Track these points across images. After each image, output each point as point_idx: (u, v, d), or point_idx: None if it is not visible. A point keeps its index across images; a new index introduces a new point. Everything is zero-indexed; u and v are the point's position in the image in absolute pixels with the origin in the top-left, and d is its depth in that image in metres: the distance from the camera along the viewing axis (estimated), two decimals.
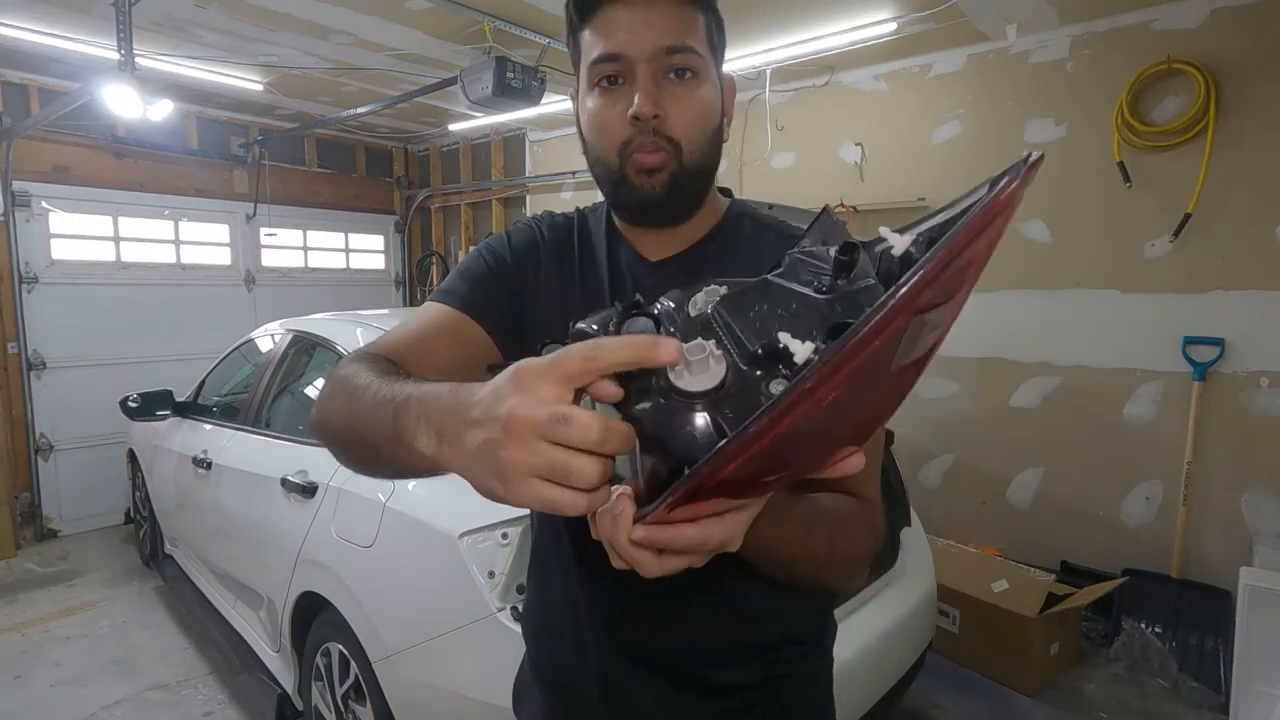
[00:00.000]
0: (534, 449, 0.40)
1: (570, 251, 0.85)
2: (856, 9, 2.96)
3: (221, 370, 3.27)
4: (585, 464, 0.40)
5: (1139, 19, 2.85)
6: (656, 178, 0.72)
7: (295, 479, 2.06)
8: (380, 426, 0.54)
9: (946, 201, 0.42)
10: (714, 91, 0.74)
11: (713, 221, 0.82)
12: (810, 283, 0.46)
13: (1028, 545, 3.21)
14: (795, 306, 0.44)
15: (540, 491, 0.41)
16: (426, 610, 1.60)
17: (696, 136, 0.73)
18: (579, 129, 0.78)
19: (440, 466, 0.49)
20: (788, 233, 0.81)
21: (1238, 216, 2.69)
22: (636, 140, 0.71)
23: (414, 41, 3.44)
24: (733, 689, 0.80)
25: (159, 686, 2.69)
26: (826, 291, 0.44)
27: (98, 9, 3.00)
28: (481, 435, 0.43)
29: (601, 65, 0.72)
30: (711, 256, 0.81)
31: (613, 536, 0.45)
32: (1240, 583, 2.24)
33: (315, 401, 0.69)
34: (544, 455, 0.40)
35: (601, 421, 0.40)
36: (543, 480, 0.41)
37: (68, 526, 4.38)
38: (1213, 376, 2.76)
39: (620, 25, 0.70)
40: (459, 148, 5.89)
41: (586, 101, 0.75)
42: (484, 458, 0.43)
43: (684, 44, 0.70)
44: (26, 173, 4.18)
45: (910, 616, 1.98)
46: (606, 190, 0.79)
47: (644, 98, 0.70)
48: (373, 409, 0.56)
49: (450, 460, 0.47)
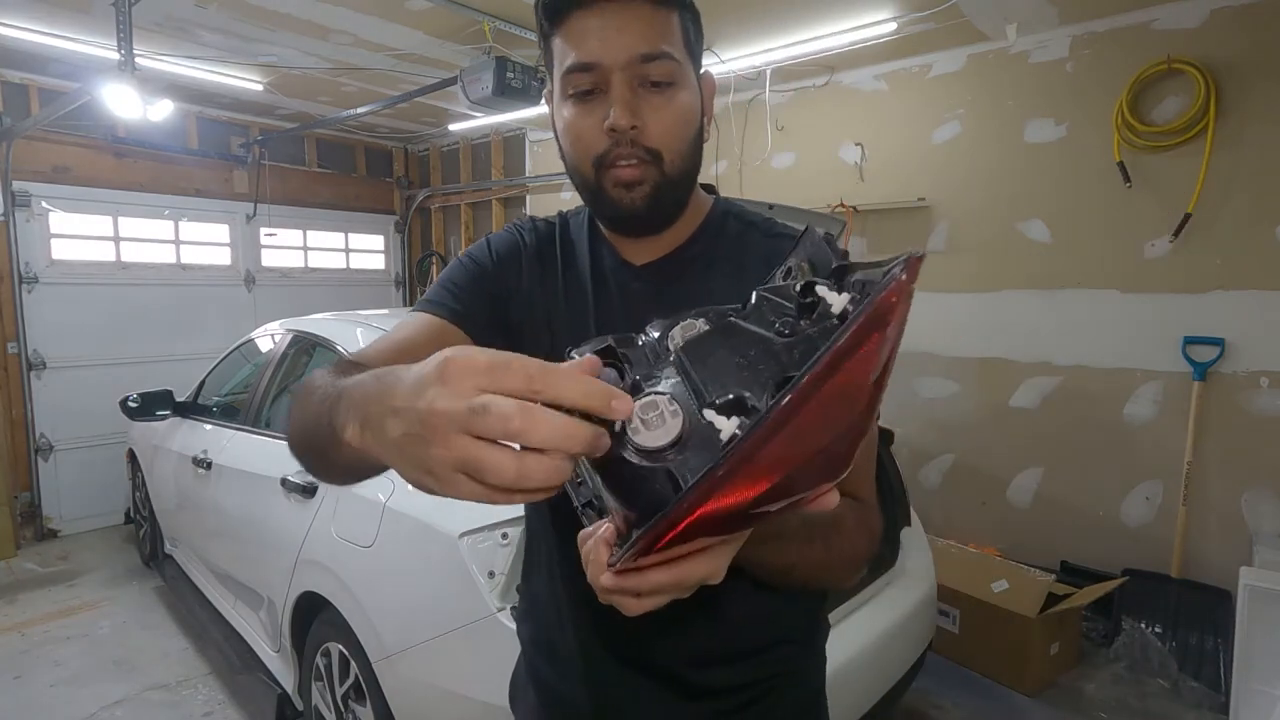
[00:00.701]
0: (451, 443, 0.38)
1: (553, 256, 0.83)
2: (856, 9, 2.96)
3: (221, 370, 3.27)
4: (499, 459, 0.37)
5: (1139, 19, 2.85)
6: (636, 191, 0.71)
7: (295, 479, 2.06)
8: (321, 424, 0.52)
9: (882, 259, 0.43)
10: (693, 96, 0.72)
11: (696, 222, 0.81)
12: (773, 323, 0.46)
13: (1028, 545, 3.21)
14: (754, 353, 0.45)
15: (464, 487, 0.39)
16: (426, 610, 1.60)
17: (677, 145, 0.71)
18: (555, 134, 0.76)
19: (369, 459, 0.47)
20: (773, 231, 0.81)
21: (1238, 216, 2.69)
22: (613, 153, 0.69)
23: (414, 41, 3.44)
24: (722, 690, 0.80)
25: (159, 686, 2.69)
26: (788, 334, 0.45)
27: (98, 9, 3.00)
28: (402, 426, 0.41)
29: (574, 76, 0.69)
30: (696, 258, 0.80)
31: (592, 580, 0.45)
32: (1240, 583, 2.24)
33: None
34: (459, 450, 0.37)
35: (523, 410, 0.37)
36: (465, 476, 0.38)
37: (68, 526, 4.38)
38: (1213, 376, 2.76)
39: (592, 33, 0.68)
40: (459, 148, 5.89)
41: (562, 110, 0.72)
42: (405, 450, 0.41)
43: (660, 50, 0.68)
44: (26, 173, 4.18)
45: (910, 616, 1.98)
46: (585, 199, 0.77)
47: (620, 109, 0.67)
48: (317, 407, 0.54)
49: (375, 451, 0.45)
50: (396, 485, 1.76)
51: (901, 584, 2.06)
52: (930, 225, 3.48)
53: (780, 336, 0.45)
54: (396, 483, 1.76)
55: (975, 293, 3.36)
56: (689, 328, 0.49)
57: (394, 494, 1.74)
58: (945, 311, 3.43)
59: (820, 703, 0.89)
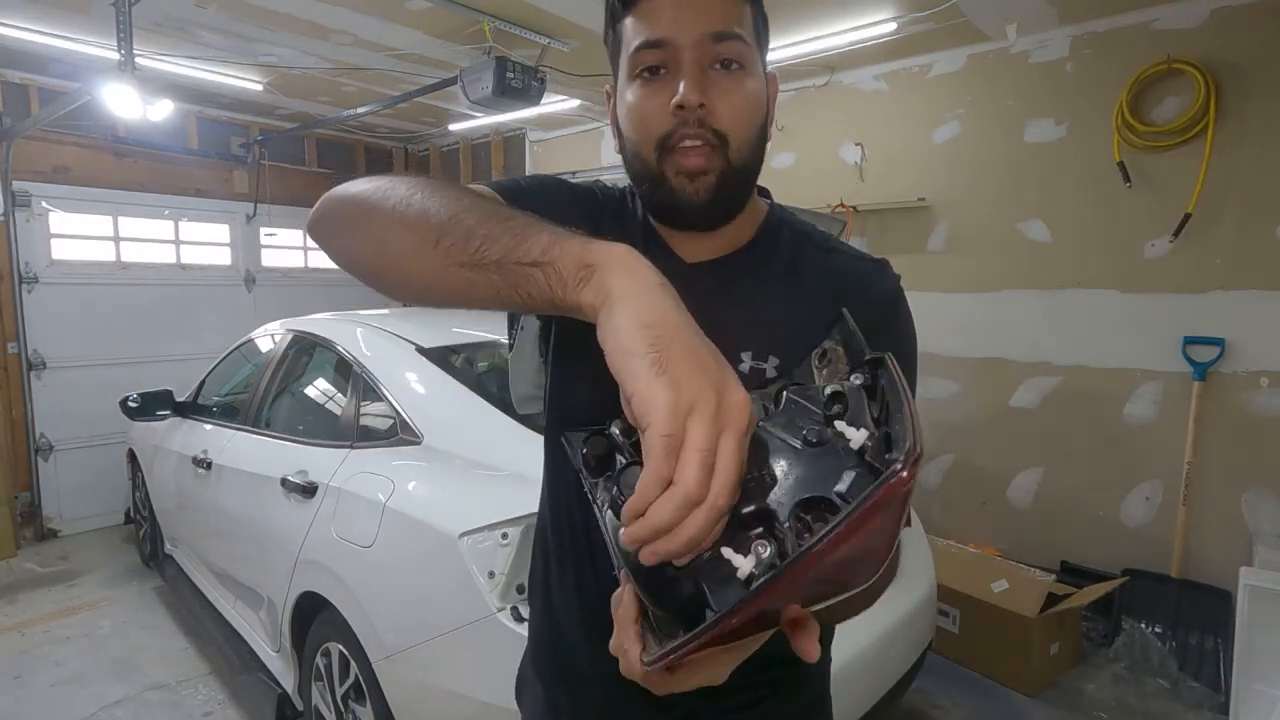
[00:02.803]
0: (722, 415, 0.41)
1: (618, 231, 0.79)
2: (856, 9, 2.96)
3: (221, 370, 3.27)
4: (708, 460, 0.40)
5: (1139, 19, 2.85)
6: (700, 181, 0.68)
7: (295, 479, 2.06)
8: (497, 241, 0.52)
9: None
10: (761, 86, 0.71)
11: (753, 226, 0.78)
12: (801, 430, 0.49)
13: (1028, 545, 3.21)
14: (782, 463, 0.48)
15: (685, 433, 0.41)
16: (426, 610, 1.60)
17: (744, 131, 0.69)
18: (615, 126, 0.75)
19: (578, 310, 0.49)
20: (828, 246, 0.79)
21: (1238, 216, 2.69)
22: (679, 132, 0.67)
23: (414, 41, 3.44)
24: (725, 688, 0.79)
25: (159, 686, 2.69)
26: (815, 443, 0.47)
27: (98, 9, 2.99)
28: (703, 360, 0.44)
29: (644, 53, 0.68)
30: (753, 265, 0.77)
31: (625, 671, 0.50)
32: (1240, 583, 2.24)
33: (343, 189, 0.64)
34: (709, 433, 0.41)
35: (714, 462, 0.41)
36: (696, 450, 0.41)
37: (68, 526, 4.38)
38: (1213, 376, 2.76)
39: (665, 11, 0.67)
40: (459, 148, 5.89)
41: (626, 94, 0.70)
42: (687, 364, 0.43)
43: (732, 31, 0.67)
44: (26, 173, 4.18)
45: (910, 616, 1.98)
46: (643, 190, 0.74)
47: (689, 85, 0.65)
48: (494, 221, 0.53)
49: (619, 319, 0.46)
50: (397, 485, 1.76)
51: (901, 584, 2.06)
52: (930, 225, 3.48)
53: (808, 445, 0.47)
54: (396, 483, 1.76)
55: (975, 293, 3.36)
56: None
57: (394, 494, 1.74)
58: (945, 311, 3.43)
59: (824, 704, 0.89)
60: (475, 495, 1.67)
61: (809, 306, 0.73)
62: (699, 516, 0.40)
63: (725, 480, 0.40)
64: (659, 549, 0.41)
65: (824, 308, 0.72)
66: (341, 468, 1.96)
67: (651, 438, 0.41)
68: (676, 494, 0.40)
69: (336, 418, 2.27)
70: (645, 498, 0.41)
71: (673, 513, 0.40)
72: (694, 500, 0.40)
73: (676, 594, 0.45)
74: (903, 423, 0.41)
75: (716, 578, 0.43)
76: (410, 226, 0.56)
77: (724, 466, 0.40)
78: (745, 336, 0.73)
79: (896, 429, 0.42)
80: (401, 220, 0.57)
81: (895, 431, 0.42)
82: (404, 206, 0.57)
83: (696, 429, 0.40)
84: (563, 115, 4.67)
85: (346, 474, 1.93)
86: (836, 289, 0.73)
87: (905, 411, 0.42)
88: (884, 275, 0.77)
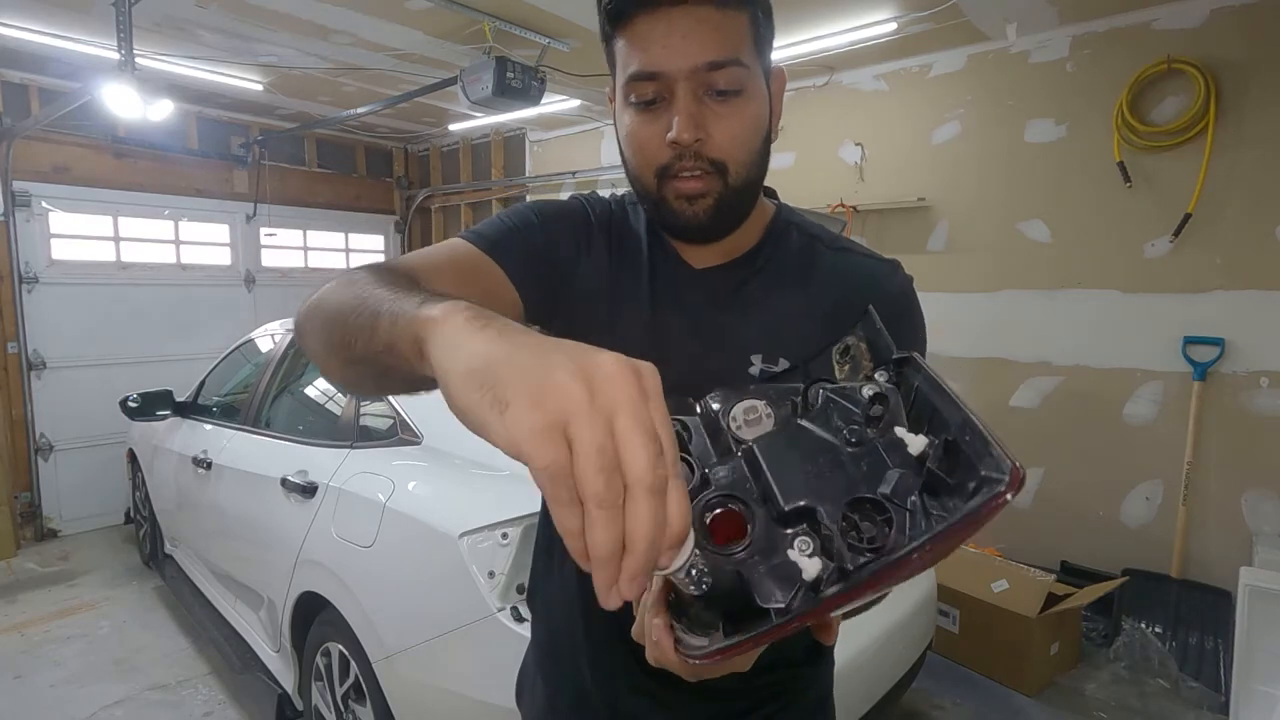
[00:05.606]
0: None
1: (616, 245, 0.80)
2: (856, 9, 2.96)
3: (221, 370, 3.27)
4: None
5: (1139, 19, 2.85)
6: (699, 204, 0.68)
7: (295, 479, 2.06)
8: (382, 330, 0.47)
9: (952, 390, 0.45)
10: (760, 104, 0.69)
11: (760, 229, 0.78)
12: (840, 429, 0.47)
13: (1028, 545, 3.21)
14: (823, 461, 0.46)
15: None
16: (426, 610, 1.60)
17: (742, 155, 0.68)
18: (616, 136, 0.74)
19: (425, 380, 0.44)
20: (838, 245, 0.78)
21: (1238, 216, 2.69)
22: (676, 165, 0.66)
23: (414, 41, 3.44)
24: (731, 692, 0.79)
25: (159, 686, 2.69)
26: (855, 443, 0.46)
27: (98, 9, 2.99)
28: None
29: (637, 85, 0.66)
30: (761, 268, 0.77)
31: (652, 659, 0.49)
32: (1240, 583, 2.25)
33: (310, 296, 0.62)
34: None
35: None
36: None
37: (68, 526, 4.38)
38: (1213, 376, 2.76)
39: (656, 39, 0.64)
40: (459, 148, 5.89)
41: (624, 116, 0.69)
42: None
43: (727, 57, 0.64)
44: (26, 173, 4.18)
45: (910, 616, 1.98)
46: (647, 208, 0.74)
47: (684, 121, 0.64)
48: (382, 309, 0.48)
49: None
50: (397, 485, 1.76)
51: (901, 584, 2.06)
52: (930, 225, 3.48)
53: (848, 445, 0.46)
54: (396, 483, 1.76)
55: (975, 292, 3.36)
56: (751, 411, 0.50)
57: (394, 494, 1.74)
58: (945, 311, 3.43)
59: (827, 706, 0.89)
60: (475, 495, 1.67)
61: (819, 307, 0.74)
62: (640, 510, 0.33)
63: (642, 456, 0.33)
64: (631, 570, 0.34)
65: (835, 308, 0.73)
66: (341, 468, 1.96)
67: (538, 480, 0.34)
68: (595, 513, 0.33)
69: (336, 418, 2.27)
70: (575, 544, 0.34)
71: (605, 530, 0.33)
72: (611, 502, 0.33)
73: (719, 585, 0.43)
74: (974, 433, 0.40)
75: (772, 574, 0.43)
76: (318, 331, 0.57)
77: (635, 445, 0.33)
78: (755, 339, 0.73)
79: (967, 439, 0.41)
80: (320, 327, 0.57)
81: (965, 442, 0.41)
82: (322, 311, 0.57)
83: (580, 434, 0.33)
84: (563, 115, 4.67)
85: (346, 474, 1.93)
86: (848, 288, 0.74)
87: (977, 424, 0.41)
88: (896, 275, 0.77)
